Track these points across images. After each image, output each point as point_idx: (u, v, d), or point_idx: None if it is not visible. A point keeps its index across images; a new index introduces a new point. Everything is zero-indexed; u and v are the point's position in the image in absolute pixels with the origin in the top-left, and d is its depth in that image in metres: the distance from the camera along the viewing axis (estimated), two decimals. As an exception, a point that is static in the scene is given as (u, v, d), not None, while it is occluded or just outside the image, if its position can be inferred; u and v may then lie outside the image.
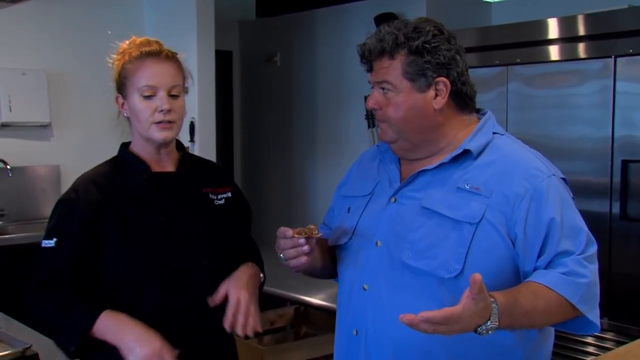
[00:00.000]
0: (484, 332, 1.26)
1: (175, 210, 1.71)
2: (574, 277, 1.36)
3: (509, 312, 1.28)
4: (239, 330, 1.60)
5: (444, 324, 1.21)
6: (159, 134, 1.68)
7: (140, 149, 1.75)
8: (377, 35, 1.48)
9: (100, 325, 1.56)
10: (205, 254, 1.71)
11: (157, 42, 1.77)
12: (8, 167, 4.01)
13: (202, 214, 1.75)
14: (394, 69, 1.45)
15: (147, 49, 1.71)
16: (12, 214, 4.06)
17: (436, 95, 1.45)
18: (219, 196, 1.79)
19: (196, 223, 1.72)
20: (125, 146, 1.78)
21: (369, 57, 1.49)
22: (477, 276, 1.20)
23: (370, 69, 1.51)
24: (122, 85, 1.70)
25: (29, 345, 1.78)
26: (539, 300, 1.33)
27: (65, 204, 1.70)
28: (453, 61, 1.45)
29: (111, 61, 1.75)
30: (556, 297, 1.34)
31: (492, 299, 1.26)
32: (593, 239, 1.43)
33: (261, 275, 1.78)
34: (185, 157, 1.81)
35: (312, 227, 1.47)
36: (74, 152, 4.29)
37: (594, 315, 1.39)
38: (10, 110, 4.05)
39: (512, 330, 1.39)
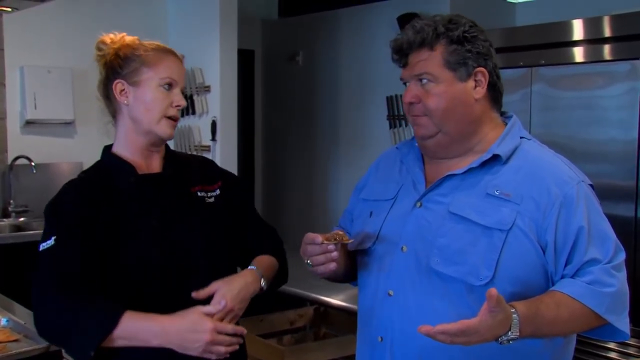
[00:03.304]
0: (505, 342, 1.26)
1: (166, 211, 1.66)
2: (600, 286, 1.33)
3: (530, 322, 1.27)
4: None
5: (460, 335, 1.22)
6: (167, 129, 1.64)
7: (127, 148, 1.69)
8: (413, 28, 1.46)
9: (127, 326, 1.47)
10: (202, 254, 1.66)
11: None
12: (32, 164, 4.06)
13: (194, 214, 1.69)
14: (433, 59, 1.42)
15: (162, 45, 1.69)
16: (35, 210, 4.10)
17: (475, 85, 1.44)
18: (209, 194, 1.73)
19: (189, 223, 1.67)
20: (107, 149, 1.74)
21: (408, 50, 1.45)
22: (493, 291, 1.20)
23: (405, 64, 1.47)
24: (133, 71, 1.63)
25: (52, 341, 1.79)
26: (562, 310, 1.32)
27: (55, 206, 1.63)
28: (489, 52, 1.45)
29: (101, 51, 1.68)
30: (580, 307, 1.32)
31: (513, 310, 1.26)
32: (621, 246, 1.40)
33: (262, 283, 1.66)
34: (170, 155, 1.75)
35: (341, 233, 1.45)
36: (96, 150, 4.26)
37: (622, 324, 1.37)
38: (36, 108, 4.10)
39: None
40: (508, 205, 1.37)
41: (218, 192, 1.75)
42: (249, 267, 1.68)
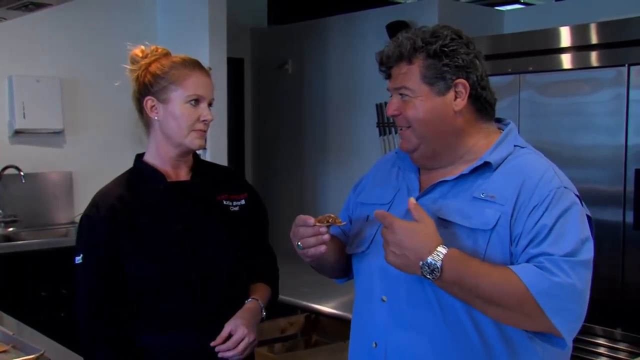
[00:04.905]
0: (426, 270, 1.29)
1: (192, 218, 1.74)
2: (546, 271, 1.29)
3: (457, 265, 1.29)
4: None
5: (380, 217, 1.36)
6: (196, 141, 1.73)
7: (157, 157, 1.77)
8: (395, 41, 1.48)
9: None
10: (224, 261, 1.74)
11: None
12: (21, 173, 4.03)
13: (219, 222, 1.77)
14: (412, 73, 1.44)
15: (189, 59, 1.76)
16: (24, 220, 4.08)
17: (456, 97, 1.44)
18: (234, 203, 1.82)
19: (213, 230, 1.75)
20: (139, 157, 1.81)
21: (388, 63, 1.48)
22: (411, 200, 1.35)
23: (388, 76, 1.50)
24: (162, 89, 1.72)
25: (41, 352, 1.78)
26: (495, 272, 1.30)
27: (87, 220, 1.74)
28: (472, 65, 1.44)
29: (135, 65, 1.76)
30: (517, 281, 1.29)
31: (445, 246, 1.30)
32: (589, 248, 1.35)
33: (263, 313, 1.80)
34: (199, 163, 1.83)
35: (333, 215, 1.48)
36: (86, 159, 4.32)
37: (558, 320, 1.29)
38: (24, 117, 4.08)
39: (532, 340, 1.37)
40: (492, 206, 1.38)
41: (243, 202, 1.84)
42: (252, 299, 1.78)
